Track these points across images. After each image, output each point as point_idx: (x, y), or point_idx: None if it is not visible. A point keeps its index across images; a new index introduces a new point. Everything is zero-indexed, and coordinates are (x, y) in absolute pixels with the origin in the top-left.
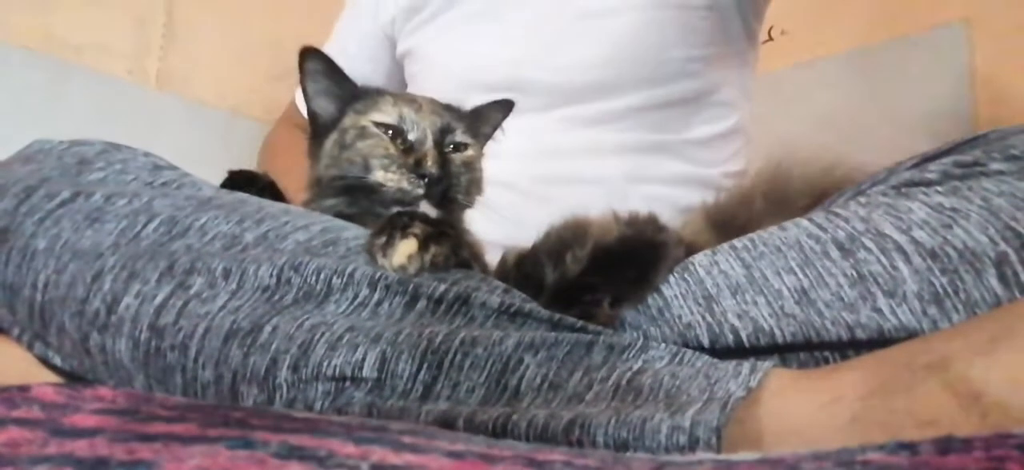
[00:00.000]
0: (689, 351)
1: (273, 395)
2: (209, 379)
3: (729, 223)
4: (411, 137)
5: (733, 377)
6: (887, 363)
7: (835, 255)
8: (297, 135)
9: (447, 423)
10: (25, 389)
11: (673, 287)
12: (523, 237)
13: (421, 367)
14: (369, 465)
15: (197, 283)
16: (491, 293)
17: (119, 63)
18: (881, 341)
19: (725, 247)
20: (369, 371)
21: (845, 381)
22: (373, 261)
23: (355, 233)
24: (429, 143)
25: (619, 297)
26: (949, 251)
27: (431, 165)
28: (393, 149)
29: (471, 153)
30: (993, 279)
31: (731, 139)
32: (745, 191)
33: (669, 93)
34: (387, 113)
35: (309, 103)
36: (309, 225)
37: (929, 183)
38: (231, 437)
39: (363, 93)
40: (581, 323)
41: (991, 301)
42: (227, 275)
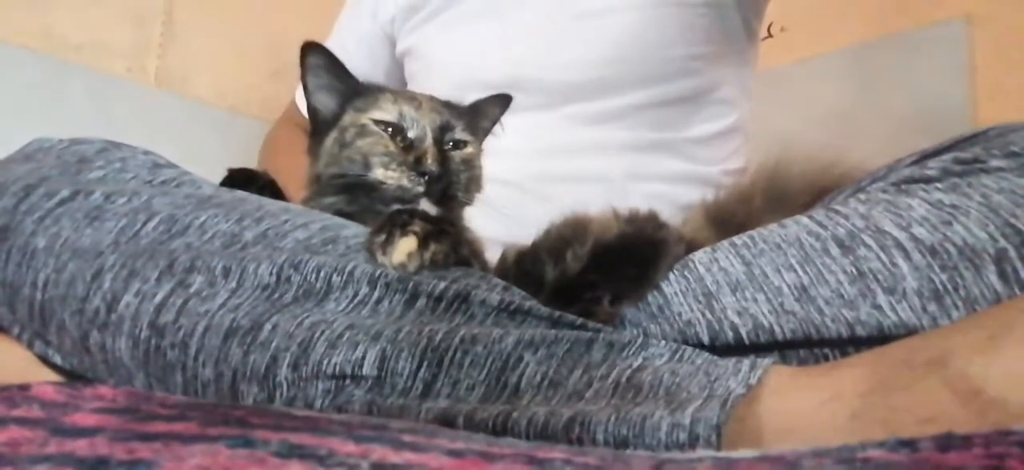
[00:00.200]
0: (689, 348)
1: (273, 393)
2: (209, 377)
3: (729, 220)
4: (411, 135)
5: (733, 374)
6: (887, 360)
7: (835, 252)
8: (297, 134)
9: (447, 421)
10: (25, 388)
11: (673, 284)
12: (523, 235)
13: (421, 365)
14: (369, 463)
15: (197, 281)
16: (491, 291)
17: (118, 61)
18: (881, 338)
19: (725, 244)
20: (369, 369)
21: (845, 378)
22: (373, 259)
23: (355, 231)
24: (429, 141)
25: (619, 294)
26: (949, 248)
27: (431, 163)
28: (393, 147)
29: (470, 150)
30: (993, 276)
31: (731, 137)
32: (745, 189)
33: (669, 91)
34: (387, 111)
35: (309, 99)
36: (309, 223)
37: (929, 180)
38: (231, 436)
39: (363, 90)
40: (581, 320)
41: (991, 298)
42: (227, 273)
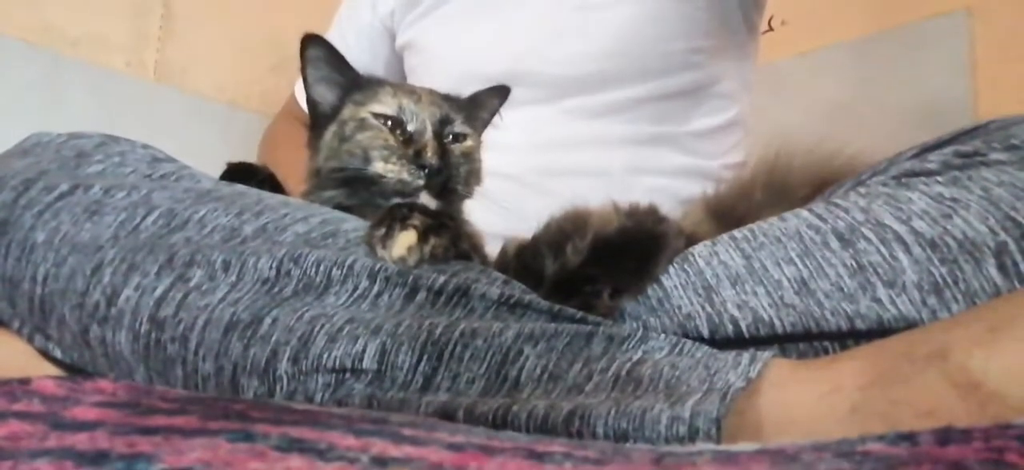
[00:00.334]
0: (689, 342)
1: (273, 387)
2: (209, 371)
3: (729, 214)
4: (410, 128)
5: (733, 367)
6: (886, 353)
7: (835, 245)
8: (297, 128)
9: (447, 415)
10: (25, 382)
11: (673, 278)
12: (523, 228)
13: (421, 358)
14: (369, 457)
15: (197, 275)
16: (491, 284)
17: (117, 55)
18: (880, 331)
19: (725, 238)
20: (369, 363)
21: (844, 371)
22: (373, 253)
23: (354, 225)
24: (429, 134)
25: (619, 288)
26: (949, 241)
27: (431, 156)
28: (393, 140)
29: (470, 144)
30: (993, 269)
31: (731, 131)
32: (745, 182)
33: (669, 85)
34: (386, 104)
35: (309, 91)
36: (308, 217)
37: (929, 173)
38: (232, 430)
39: (363, 83)
40: (581, 314)
41: (991, 291)
42: (227, 267)
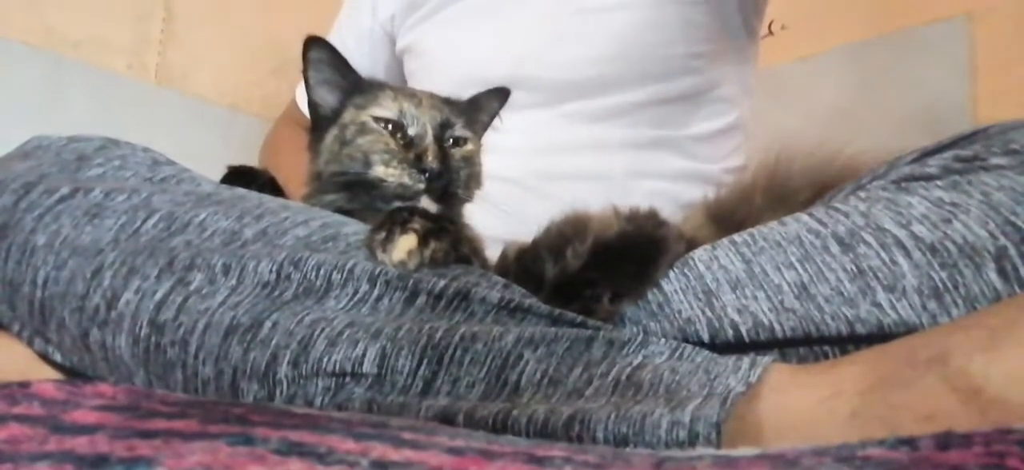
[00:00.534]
0: (689, 346)
1: (273, 391)
2: (209, 375)
3: (729, 218)
4: (411, 132)
5: (733, 372)
6: (887, 358)
7: (835, 250)
8: (298, 133)
9: (447, 419)
10: (25, 385)
11: (673, 282)
12: (523, 232)
13: (421, 363)
14: (369, 461)
15: (197, 279)
16: (491, 288)
17: (118, 58)
18: (881, 336)
19: (725, 242)
20: (369, 367)
21: (845, 376)
22: (373, 257)
23: (355, 229)
24: (429, 138)
25: (619, 292)
26: (949, 246)
27: (432, 160)
28: (393, 144)
29: (471, 147)
30: (993, 274)
31: (731, 135)
32: (745, 186)
33: (669, 89)
34: (387, 108)
35: (310, 93)
36: (309, 221)
37: (929, 177)
38: (231, 433)
39: (364, 86)
40: (581, 318)
41: (991, 296)
42: (227, 271)
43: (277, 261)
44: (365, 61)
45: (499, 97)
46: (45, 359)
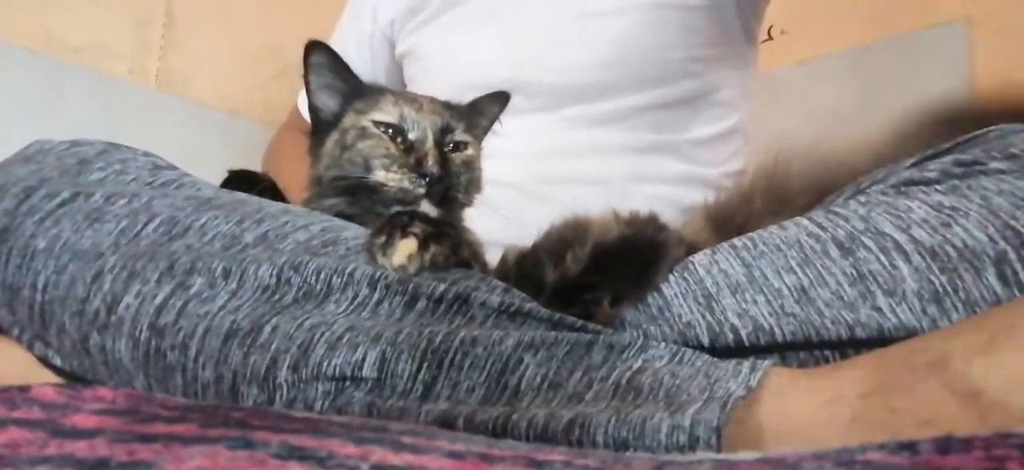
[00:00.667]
0: (689, 350)
1: (273, 395)
2: (209, 379)
3: (729, 222)
4: (412, 136)
5: (733, 376)
6: (887, 362)
7: (835, 254)
8: (300, 139)
9: (447, 423)
10: (25, 389)
11: (673, 286)
12: (524, 236)
13: (421, 367)
14: (369, 465)
15: (197, 283)
16: (491, 292)
17: (119, 63)
18: (881, 340)
19: (725, 246)
20: (369, 371)
21: (845, 380)
22: (373, 261)
23: (355, 233)
24: (430, 143)
25: (619, 296)
26: (949, 250)
27: (432, 165)
28: (394, 149)
29: (471, 152)
30: (992, 278)
31: (731, 139)
32: (744, 190)
33: (669, 93)
34: (388, 112)
35: (311, 98)
36: (309, 225)
37: (929, 182)
38: (231, 437)
39: (364, 91)
40: (581, 322)
41: (991, 300)
42: (227, 275)
43: (277, 265)
44: (366, 66)
45: (499, 101)
46: (45, 363)
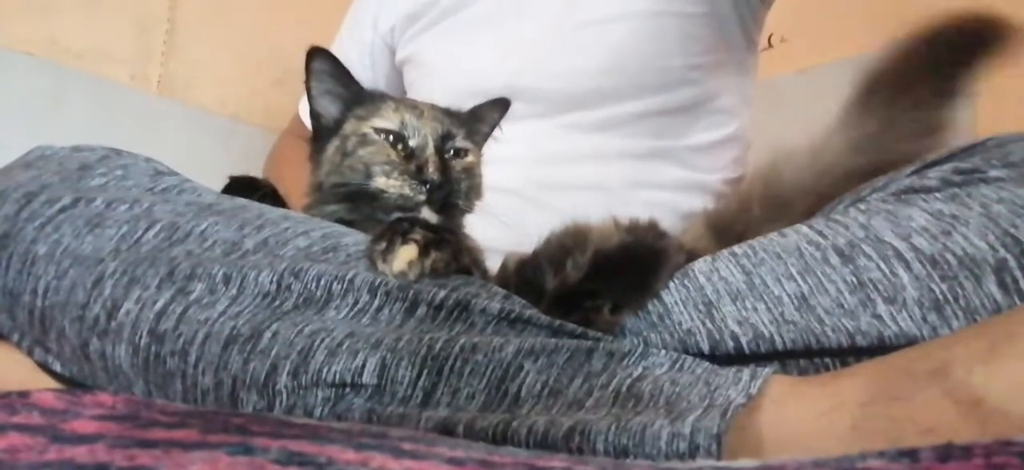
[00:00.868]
0: (689, 358)
1: (273, 401)
2: (209, 385)
3: (729, 229)
4: (412, 143)
5: (733, 384)
6: (887, 370)
7: (835, 261)
8: (301, 146)
9: (447, 429)
10: (25, 395)
11: (673, 293)
12: (524, 243)
13: (421, 373)
14: None
15: (197, 289)
16: (491, 299)
17: (121, 69)
18: (881, 348)
19: (725, 253)
20: (369, 377)
21: (845, 388)
22: (373, 267)
23: (355, 239)
24: (430, 149)
25: (619, 303)
26: (949, 258)
27: (433, 171)
28: (394, 155)
29: (471, 159)
30: (993, 286)
31: (731, 146)
32: (743, 197)
33: (668, 100)
34: (388, 119)
35: (312, 103)
36: (309, 231)
37: (929, 190)
38: (231, 443)
39: (365, 97)
40: (581, 329)
41: (991, 308)
42: (227, 281)
43: (278, 271)
44: (367, 73)
45: (500, 107)
46: (45, 369)
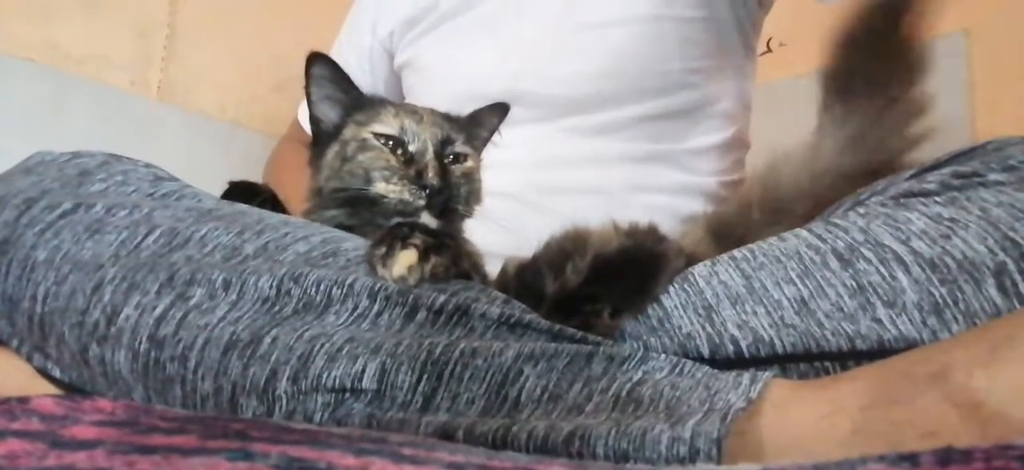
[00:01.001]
0: (689, 362)
1: (272, 406)
2: (208, 390)
3: (729, 233)
4: (412, 148)
5: (733, 388)
6: (887, 374)
7: (834, 265)
8: (301, 151)
9: (447, 434)
10: (25, 401)
11: (673, 297)
12: (523, 247)
13: (421, 378)
14: None
15: (197, 294)
16: (491, 304)
17: (121, 74)
18: (881, 351)
19: (725, 257)
20: (369, 382)
21: (845, 392)
22: (373, 272)
23: (355, 244)
24: (430, 154)
25: (619, 307)
26: (948, 261)
27: (432, 176)
28: (394, 160)
29: (471, 164)
30: (992, 289)
31: (730, 149)
32: (742, 200)
33: (668, 104)
34: (388, 124)
35: (312, 109)
36: (309, 236)
37: (928, 193)
38: (231, 449)
39: (365, 102)
40: (581, 334)
41: (990, 311)
42: (227, 286)
43: (277, 276)
44: (366, 78)
45: (499, 112)
46: (44, 374)
